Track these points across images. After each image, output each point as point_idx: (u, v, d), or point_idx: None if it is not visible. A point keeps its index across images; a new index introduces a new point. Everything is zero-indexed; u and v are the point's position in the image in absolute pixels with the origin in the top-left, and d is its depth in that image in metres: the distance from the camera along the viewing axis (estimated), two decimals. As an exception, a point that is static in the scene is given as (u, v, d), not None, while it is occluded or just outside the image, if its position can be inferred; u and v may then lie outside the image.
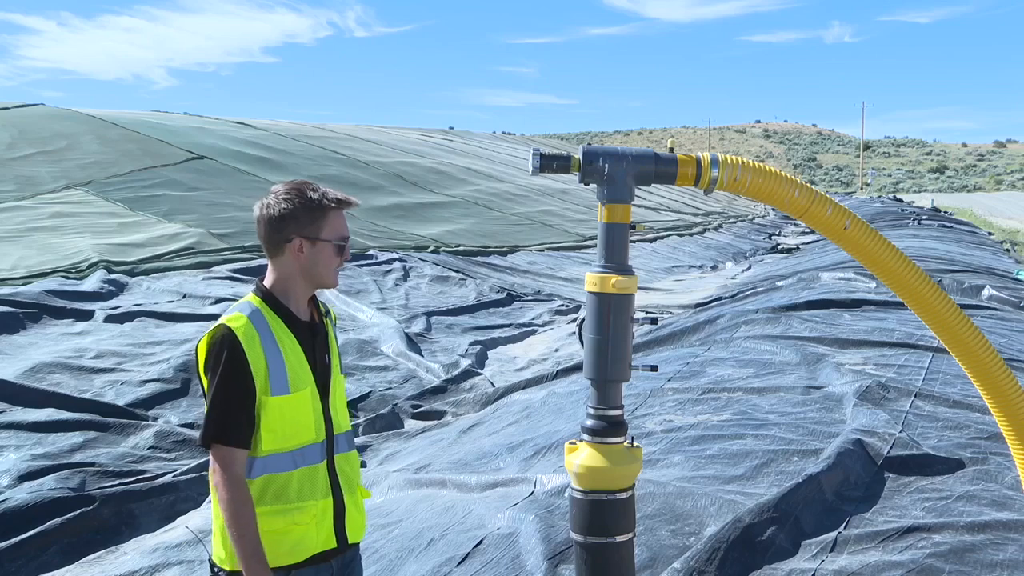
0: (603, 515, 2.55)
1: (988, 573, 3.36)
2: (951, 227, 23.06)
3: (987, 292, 10.12)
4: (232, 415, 2.14)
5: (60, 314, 8.98)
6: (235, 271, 11.83)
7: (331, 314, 2.46)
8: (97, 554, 4.63)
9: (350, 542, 2.33)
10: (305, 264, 2.26)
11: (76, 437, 5.85)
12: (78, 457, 5.59)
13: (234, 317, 2.21)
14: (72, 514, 4.78)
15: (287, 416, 2.20)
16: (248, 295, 2.31)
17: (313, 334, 2.32)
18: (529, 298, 12.98)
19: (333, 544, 2.28)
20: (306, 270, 2.27)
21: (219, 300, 9.92)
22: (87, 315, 9.06)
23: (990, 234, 24.14)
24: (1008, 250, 19.74)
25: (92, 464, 5.45)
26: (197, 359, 2.23)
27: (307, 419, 2.25)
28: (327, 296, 11.15)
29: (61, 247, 11.90)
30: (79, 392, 6.65)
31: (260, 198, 2.31)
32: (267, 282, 2.31)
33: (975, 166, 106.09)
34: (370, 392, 7.54)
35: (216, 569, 2.26)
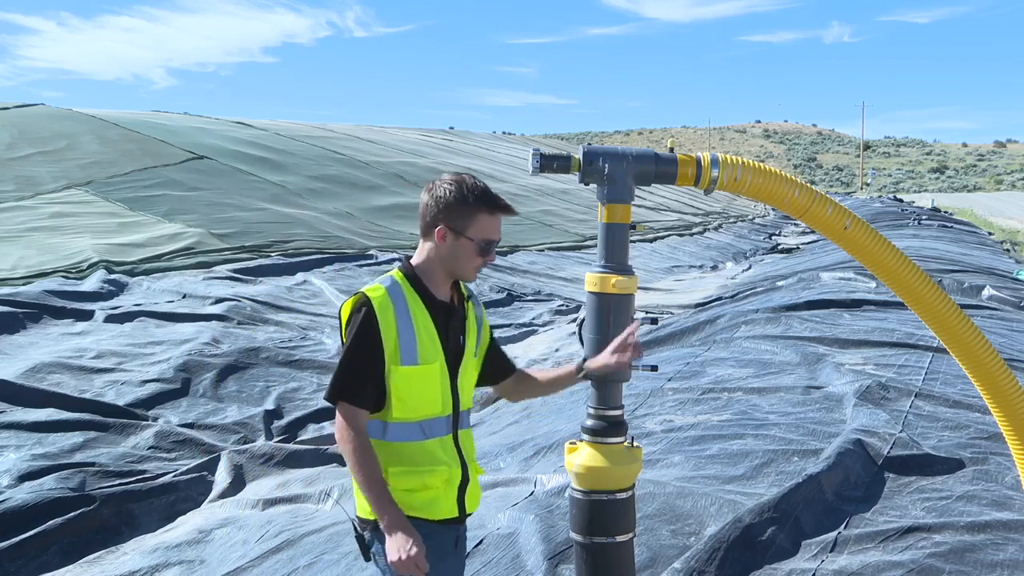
0: (603, 515, 2.55)
1: (988, 573, 3.36)
2: (951, 227, 23.06)
3: (987, 292, 10.12)
4: (356, 376, 2.28)
5: (60, 314, 8.98)
6: (235, 271, 11.83)
7: (475, 299, 2.55)
8: (97, 554, 4.63)
9: (468, 512, 2.43)
10: (445, 253, 2.38)
11: (76, 437, 5.85)
12: (78, 457, 5.58)
13: (374, 287, 2.34)
14: (72, 514, 4.78)
15: (414, 387, 2.31)
16: (393, 269, 2.44)
17: (449, 314, 2.40)
18: (529, 298, 12.98)
19: (456, 513, 2.38)
20: (445, 259, 2.38)
21: (219, 300, 9.91)
22: (87, 315, 9.06)
23: (990, 234, 24.14)
24: (1008, 250, 19.74)
25: (92, 464, 5.45)
26: (340, 320, 2.37)
27: (435, 392, 2.34)
28: (326, 291, 11.15)
29: (61, 247, 11.91)
30: (79, 392, 6.64)
31: (428, 183, 2.45)
32: (413, 259, 2.44)
33: (975, 166, 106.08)
34: (370, 392, 7.54)
35: (361, 524, 2.35)
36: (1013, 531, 3.61)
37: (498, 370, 2.64)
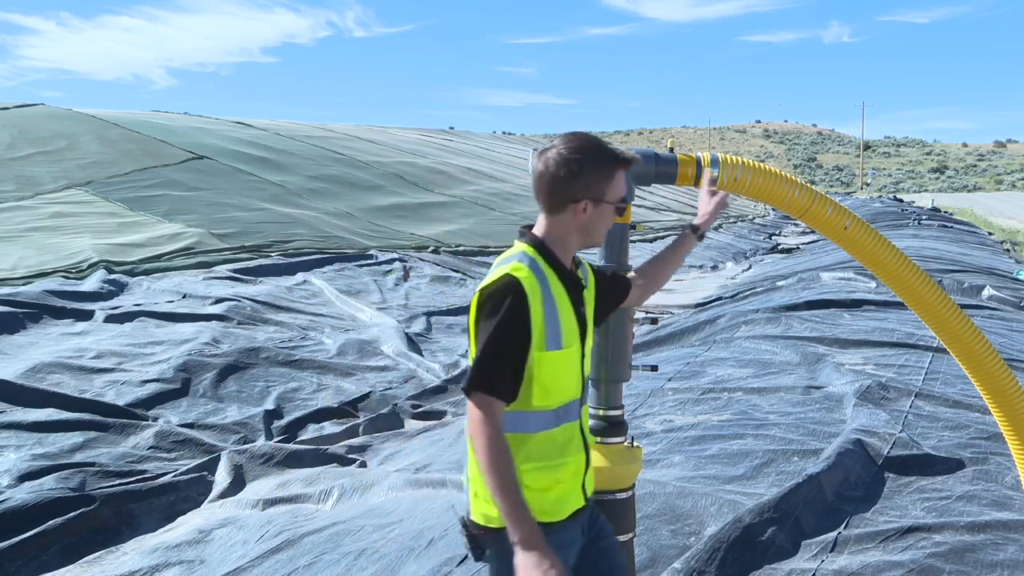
0: (604, 515, 2.55)
1: (988, 573, 3.35)
2: (951, 227, 23.05)
3: (987, 292, 10.12)
4: (501, 365, 2.05)
5: (60, 314, 8.98)
6: (235, 271, 11.83)
7: (583, 264, 2.36)
8: (97, 554, 4.62)
9: (589, 495, 2.27)
10: (584, 223, 2.17)
11: (76, 437, 5.85)
12: (78, 457, 5.58)
13: (516, 266, 2.10)
14: (72, 514, 4.77)
15: (558, 372, 2.12)
16: (520, 244, 2.21)
17: (577, 287, 2.23)
18: (529, 298, 12.98)
19: (583, 502, 2.22)
20: (584, 229, 2.18)
21: (219, 300, 9.91)
22: (87, 315, 9.06)
23: (990, 234, 24.12)
24: (1008, 250, 19.73)
25: (92, 464, 5.45)
26: (470, 308, 2.14)
27: (573, 375, 2.18)
28: (320, 284, 11.15)
29: (61, 247, 11.91)
30: (79, 392, 6.64)
31: (540, 151, 2.19)
32: (539, 231, 2.21)
33: (975, 166, 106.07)
34: (370, 392, 7.54)
35: (475, 530, 2.19)
36: (1013, 531, 3.61)
37: (619, 291, 2.46)
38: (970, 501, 3.96)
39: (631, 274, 2.57)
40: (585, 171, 2.13)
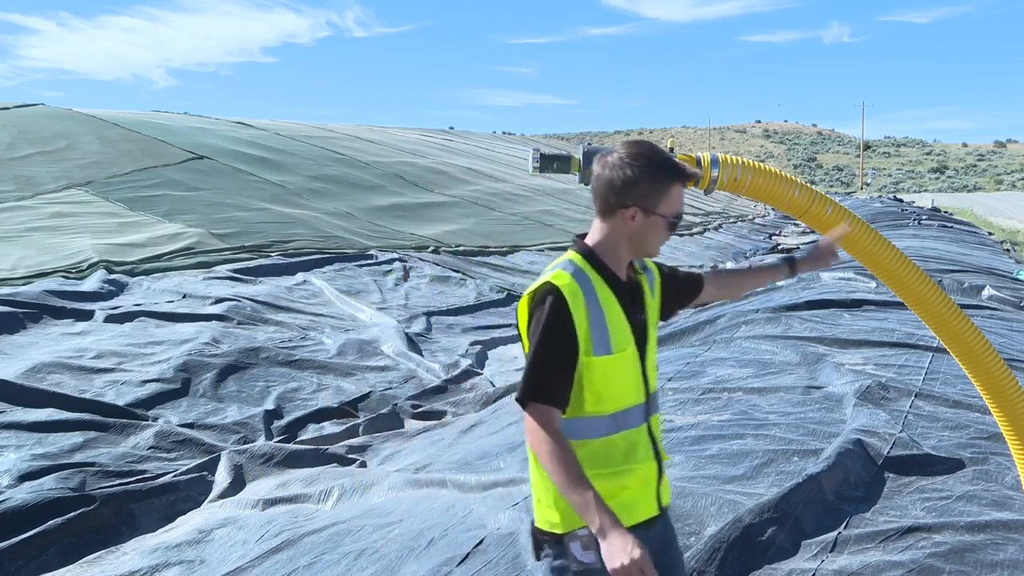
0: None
1: (988, 573, 3.35)
2: (951, 227, 23.05)
3: (987, 292, 10.11)
4: (551, 373, 2.09)
5: (60, 314, 8.98)
6: (235, 271, 11.82)
7: (647, 268, 2.37)
8: (97, 554, 4.63)
9: (663, 505, 2.26)
10: (634, 232, 2.19)
11: (76, 437, 5.85)
12: (78, 457, 5.59)
13: (558, 274, 2.14)
14: (72, 514, 4.78)
15: (610, 377, 2.14)
16: (569, 252, 2.24)
17: (631, 294, 2.24)
18: (529, 298, 12.97)
19: (656, 511, 2.21)
20: (633, 238, 2.20)
21: (219, 300, 9.91)
22: (87, 315, 9.06)
23: (990, 234, 24.12)
24: (1008, 250, 19.74)
25: (92, 464, 5.46)
26: (518, 318, 2.19)
27: (628, 381, 2.18)
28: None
29: (61, 247, 11.91)
30: (79, 392, 6.64)
31: (602, 154, 2.22)
32: (590, 240, 2.24)
33: (975, 166, 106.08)
34: (370, 392, 7.54)
35: (539, 536, 2.19)
36: (1013, 531, 3.61)
37: (688, 290, 2.47)
38: (970, 501, 3.96)
39: (714, 272, 2.59)
40: (640, 178, 2.15)
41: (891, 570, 3.36)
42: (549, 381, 2.08)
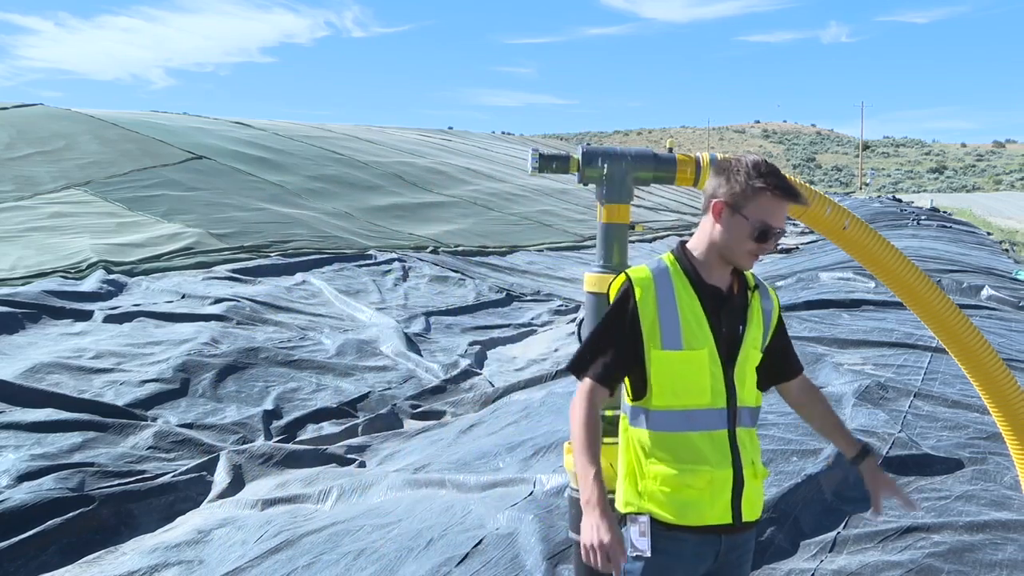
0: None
1: (987, 573, 3.36)
2: (950, 227, 23.04)
3: (986, 292, 10.12)
4: (598, 351, 2.21)
5: (59, 314, 8.97)
6: (234, 271, 11.82)
7: (763, 289, 2.36)
8: (96, 554, 4.62)
9: (744, 520, 2.24)
10: (718, 232, 2.22)
11: (75, 437, 5.84)
12: (77, 457, 5.58)
13: (639, 268, 2.26)
14: (71, 514, 4.77)
15: (678, 372, 2.18)
16: (666, 252, 2.34)
17: (721, 300, 2.24)
18: (528, 298, 12.98)
19: (728, 519, 2.20)
20: (718, 238, 2.23)
21: (218, 300, 9.90)
22: (86, 315, 9.05)
23: (989, 234, 24.12)
24: (1007, 250, 19.74)
25: (91, 464, 5.45)
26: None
27: (702, 381, 2.19)
28: (324, 290, 11.16)
29: (60, 247, 11.90)
30: (78, 392, 6.64)
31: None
32: (690, 243, 2.32)
33: (974, 166, 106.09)
34: (369, 392, 7.54)
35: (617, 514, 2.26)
36: (1012, 531, 3.61)
37: (775, 371, 2.42)
38: (969, 501, 3.96)
39: (807, 379, 2.54)
40: (735, 175, 2.20)
41: (890, 570, 3.36)
42: (595, 359, 2.20)
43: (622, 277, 2.24)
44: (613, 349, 2.20)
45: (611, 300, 2.24)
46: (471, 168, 28.46)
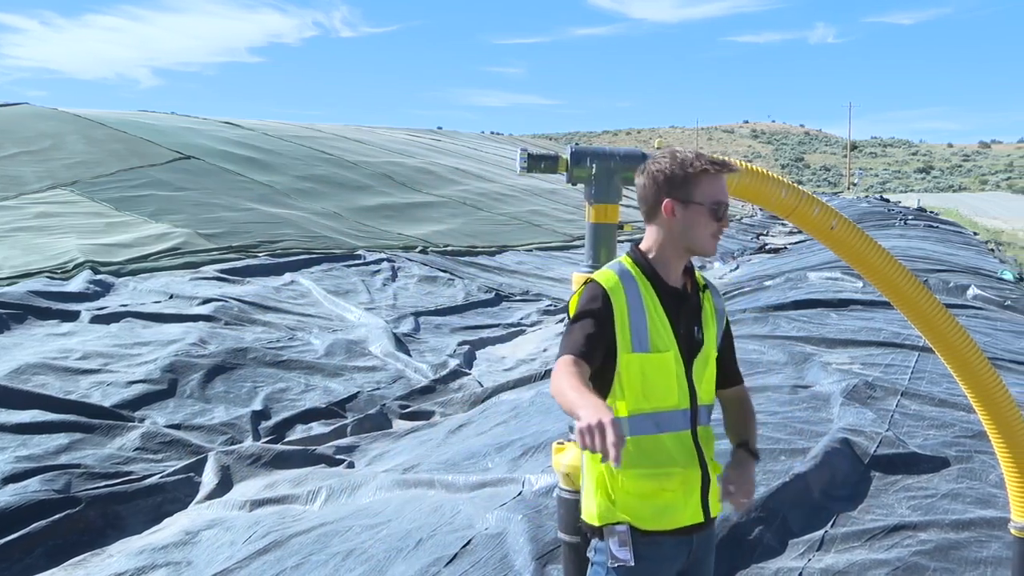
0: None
1: (972, 570, 3.38)
2: (937, 227, 23.17)
3: (972, 291, 10.18)
4: (580, 338, 2.12)
5: (45, 315, 8.92)
6: (222, 271, 11.78)
7: (713, 289, 2.40)
8: (82, 556, 4.60)
9: (712, 516, 2.28)
10: (677, 228, 2.23)
11: (61, 438, 5.81)
12: (63, 459, 5.55)
13: (604, 273, 2.24)
14: (57, 516, 4.75)
15: (648, 375, 2.18)
16: (622, 256, 2.32)
17: (680, 301, 2.27)
18: (517, 298, 12.98)
19: (701, 518, 2.24)
20: (678, 234, 2.23)
21: (206, 300, 9.87)
22: (73, 316, 9.00)
23: (975, 234, 24.26)
24: (992, 250, 19.86)
25: (78, 466, 5.42)
26: (568, 313, 2.27)
27: (669, 383, 2.21)
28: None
29: (46, 247, 11.83)
30: (65, 393, 6.60)
31: (640, 167, 2.31)
32: (642, 244, 2.31)
33: (960, 166, 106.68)
34: (358, 392, 7.52)
35: (587, 527, 2.25)
36: (997, 528, 3.64)
37: (722, 377, 2.46)
38: (955, 499, 3.98)
39: (743, 388, 2.55)
40: (672, 171, 2.21)
41: (877, 568, 3.38)
42: (577, 342, 2.12)
43: (589, 283, 2.21)
44: (592, 335, 2.14)
45: (578, 306, 2.20)
46: (460, 168, 28.45)
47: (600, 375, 2.18)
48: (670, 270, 2.27)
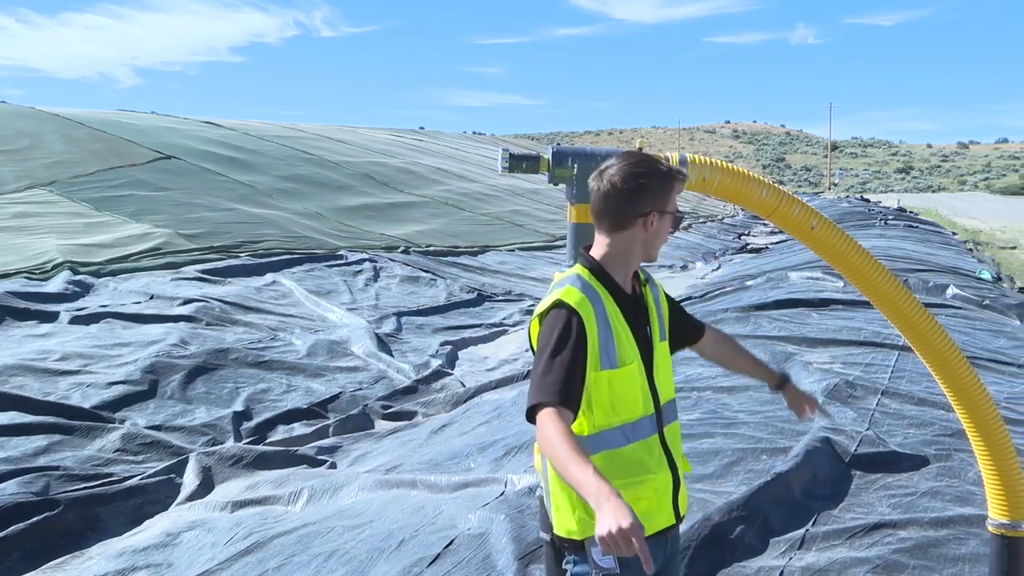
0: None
1: (951, 567, 3.41)
2: (917, 227, 23.37)
3: (951, 291, 10.27)
4: (562, 377, 2.06)
5: (23, 316, 8.83)
6: (203, 272, 11.71)
7: (652, 281, 2.39)
8: (62, 559, 4.56)
9: (681, 515, 2.29)
10: (649, 237, 2.23)
11: (40, 440, 5.75)
12: (42, 461, 5.49)
13: (568, 291, 2.16)
14: (36, 519, 4.70)
15: (616, 390, 2.15)
16: (576, 267, 2.26)
17: (635, 307, 2.26)
18: (499, 298, 12.98)
19: (672, 520, 2.24)
20: (647, 243, 2.23)
21: (187, 301, 9.81)
22: (51, 316, 8.91)
23: (954, 234, 24.49)
24: (971, 250, 20.05)
25: (56, 468, 5.37)
26: (530, 336, 2.23)
27: (635, 393, 2.19)
28: (294, 285, 11.08)
29: (25, 248, 11.71)
30: (43, 395, 6.54)
31: (598, 172, 2.23)
32: (597, 253, 2.25)
33: (939, 167, 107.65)
34: (340, 393, 7.50)
35: (563, 543, 2.21)
36: (975, 526, 3.67)
37: (691, 333, 2.52)
38: (934, 497, 4.02)
39: (714, 329, 2.66)
40: (653, 183, 2.20)
41: (857, 566, 3.40)
42: (558, 383, 2.05)
43: (557, 305, 2.14)
44: (573, 371, 2.09)
45: (553, 337, 2.10)
46: (442, 168, 28.41)
47: None
48: (626, 277, 2.26)
